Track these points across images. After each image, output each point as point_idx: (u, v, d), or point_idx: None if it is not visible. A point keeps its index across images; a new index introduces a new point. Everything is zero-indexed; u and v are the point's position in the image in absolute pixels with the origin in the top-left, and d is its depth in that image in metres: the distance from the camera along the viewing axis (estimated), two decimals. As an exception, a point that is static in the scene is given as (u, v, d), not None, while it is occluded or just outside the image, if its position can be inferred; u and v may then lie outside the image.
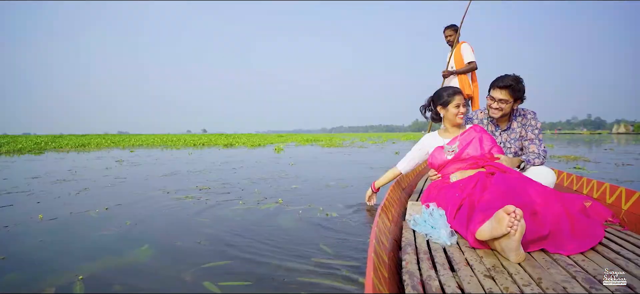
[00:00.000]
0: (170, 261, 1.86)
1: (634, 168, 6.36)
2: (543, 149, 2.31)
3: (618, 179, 4.80)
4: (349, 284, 1.53)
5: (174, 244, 2.14)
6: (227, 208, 3.08)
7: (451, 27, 4.33)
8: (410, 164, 2.51)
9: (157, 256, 1.94)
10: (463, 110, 2.24)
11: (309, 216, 2.78)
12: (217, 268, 1.74)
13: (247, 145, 16.79)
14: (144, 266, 1.80)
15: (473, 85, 4.22)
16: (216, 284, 1.54)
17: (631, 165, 6.91)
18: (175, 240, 2.22)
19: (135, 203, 3.33)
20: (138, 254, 1.96)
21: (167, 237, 2.29)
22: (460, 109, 2.23)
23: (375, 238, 1.33)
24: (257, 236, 2.26)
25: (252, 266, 1.76)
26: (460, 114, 2.24)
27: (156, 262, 1.85)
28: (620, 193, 2.05)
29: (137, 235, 2.32)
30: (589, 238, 1.46)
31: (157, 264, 1.82)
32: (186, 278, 1.62)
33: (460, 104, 2.22)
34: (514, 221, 1.26)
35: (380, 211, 1.75)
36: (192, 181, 4.76)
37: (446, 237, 1.53)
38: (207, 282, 1.57)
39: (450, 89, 2.30)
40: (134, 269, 1.76)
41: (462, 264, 1.32)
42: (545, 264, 1.30)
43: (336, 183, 4.45)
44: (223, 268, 1.74)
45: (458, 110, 2.23)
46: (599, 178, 5.02)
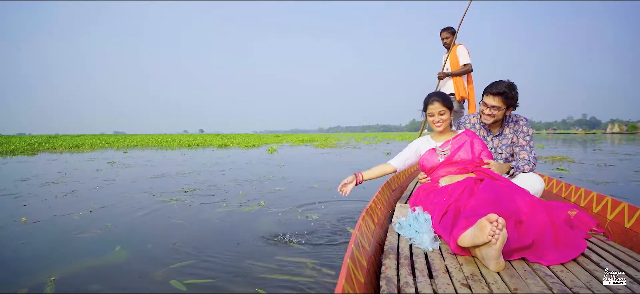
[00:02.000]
0: (142, 262, 1.96)
1: (616, 169, 6.49)
2: (533, 156, 2.30)
3: (595, 181, 4.93)
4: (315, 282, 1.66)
5: (149, 245, 2.24)
6: (208, 211, 3.17)
7: (448, 29, 4.34)
8: (405, 163, 2.42)
9: (131, 257, 2.03)
10: (439, 119, 2.20)
11: (287, 218, 2.87)
12: (185, 267, 1.85)
13: (242, 145, 16.85)
14: (116, 267, 1.90)
15: (468, 87, 4.23)
16: (182, 282, 1.65)
17: (614, 166, 7.05)
18: (151, 241, 2.32)
19: (119, 205, 3.41)
20: (112, 256, 2.05)
21: (144, 239, 2.38)
22: (435, 117, 2.19)
23: (354, 242, 1.32)
24: (231, 237, 2.36)
25: (220, 265, 1.87)
26: (437, 122, 2.20)
27: (128, 263, 1.95)
28: (606, 203, 2.04)
29: (115, 237, 2.41)
30: (570, 249, 1.47)
31: (129, 265, 1.91)
32: (155, 277, 1.72)
33: (435, 113, 2.18)
34: (495, 230, 1.25)
35: (364, 214, 1.73)
36: (180, 183, 4.84)
37: (428, 242, 1.53)
38: (174, 281, 1.68)
39: (430, 96, 2.27)
40: (106, 270, 1.86)
41: (441, 271, 1.32)
42: (524, 274, 1.30)
43: (321, 185, 4.55)
44: (191, 268, 1.84)
45: (432, 118, 2.22)
46: (578, 179, 5.16)
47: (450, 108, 2.16)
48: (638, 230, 1.68)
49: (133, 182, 5.00)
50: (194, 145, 17.18)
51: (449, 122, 2.20)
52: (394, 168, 2.40)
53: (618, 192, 4.01)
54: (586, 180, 4.98)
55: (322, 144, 17.92)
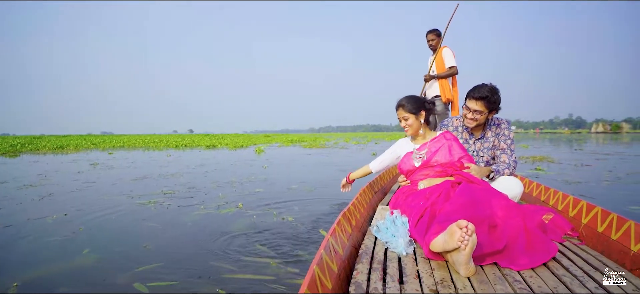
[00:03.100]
0: (108, 265, 1.96)
1: (592, 169, 6.65)
2: (514, 159, 2.32)
3: (568, 181, 5.04)
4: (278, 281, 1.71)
5: (119, 248, 2.23)
6: (185, 213, 3.16)
7: (433, 32, 4.35)
8: (381, 165, 2.44)
9: (97, 261, 2.03)
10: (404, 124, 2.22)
11: (262, 220, 2.89)
12: (152, 270, 1.86)
13: (230, 146, 16.80)
14: (81, 270, 1.89)
15: (453, 90, 4.27)
16: (146, 285, 1.67)
17: (590, 166, 7.22)
18: (121, 244, 2.32)
19: (95, 208, 3.38)
20: (79, 260, 2.04)
21: (115, 242, 2.37)
22: (402, 123, 2.23)
23: (325, 247, 1.30)
24: (202, 240, 2.37)
25: (187, 268, 1.90)
26: (404, 127, 2.24)
27: (94, 266, 1.95)
28: (581, 207, 2.06)
29: (85, 241, 2.39)
30: (541, 253, 1.48)
31: (95, 269, 1.91)
32: (119, 280, 1.73)
33: (401, 118, 2.22)
34: (464, 236, 1.27)
35: (341, 218, 1.71)
36: (160, 185, 4.82)
37: (403, 247, 1.53)
38: (137, 283, 1.69)
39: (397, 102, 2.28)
40: (71, 274, 1.85)
41: (412, 277, 1.32)
42: (493, 279, 1.31)
43: (301, 187, 4.58)
44: (158, 270, 1.86)
45: (401, 124, 2.24)
46: (553, 179, 5.29)
47: (415, 113, 2.15)
48: (609, 234, 1.70)
49: (113, 184, 4.97)
50: (181, 146, 17.06)
51: (418, 126, 2.19)
52: (370, 171, 2.46)
53: (588, 192, 4.13)
54: (561, 180, 5.11)
55: (310, 144, 17.97)
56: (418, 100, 2.20)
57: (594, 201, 1.96)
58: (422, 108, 2.18)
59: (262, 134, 54.32)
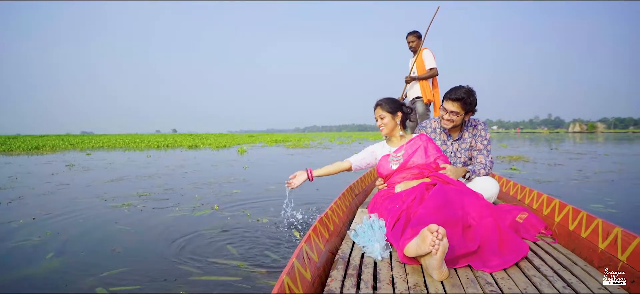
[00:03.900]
0: (72, 270, 1.90)
1: (563, 168, 6.86)
2: (490, 160, 2.35)
3: (539, 180, 5.18)
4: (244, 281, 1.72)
5: (86, 253, 2.17)
6: (159, 216, 3.11)
7: (413, 33, 4.38)
8: (360, 162, 2.41)
9: (61, 266, 1.97)
10: (380, 123, 2.23)
11: (236, 222, 2.86)
12: (117, 274, 1.82)
13: (213, 146, 16.62)
14: (43, 277, 1.84)
15: (434, 91, 4.30)
16: (107, 290, 1.63)
17: (562, 165, 7.46)
18: (89, 248, 2.25)
19: (66, 212, 3.29)
20: (41, 265, 1.98)
21: (83, 246, 2.30)
22: (378, 122, 2.24)
23: (297, 256, 1.28)
24: (174, 242, 2.32)
25: (153, 271, 1.87)
26: (379, 126, 2.25)
27: (57, 272, 1.89)
28: (554, 205, 2.10)
29: (51, 245, 2.32)
30: (512, 254, 1.49)
31: (57, 274, 1.86)
32: (82, 286, 1.68)
33: (377, 117, 2.23)
34: (436, 240, 1.27)
35: (317, 223, 1.68)
36: (137, 187, 4.74)
37: (379, 252, 1.52)
38: (100, 288, 1.65)
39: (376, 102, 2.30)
40: (32, 280, 1.79)
41: (385, 282, 1.32)
42: (466, 282, 1.31)
43: (279, 188, 4.57)
44: (123, 275, 1.81)
45: (377, 123, 2.25)
46: (526, 178, 5.45)
47: (392, 113, 2.17)
48: (580, 232, 1.73)
49: (88, 186, 4.85)
50: (163, 146, 16.80)
51: (393, 126, 2.20)
52: (350, 164, 2.38)
53: (557, 191, 4.28)
54: (532, 180, 5.25)
55: (294, 145, 17.94)
56: (396, 102, 2.22)
57: (563, 200, 1.99)
58: (399, 110, 2.20)
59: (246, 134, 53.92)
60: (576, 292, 1.24)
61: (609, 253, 1.49)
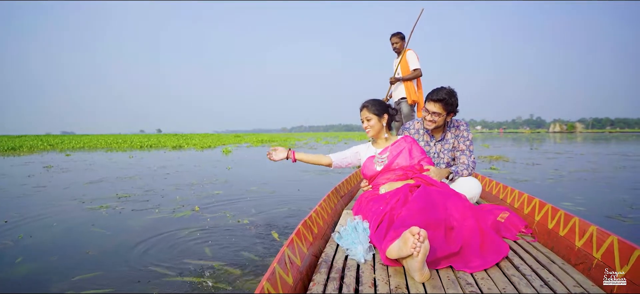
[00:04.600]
0: (42, 275, 1.86)
1: (540, 168, 7.04)
2: (472, 160, 2.37)
3: (517, 180, 5.31)
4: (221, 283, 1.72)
5: (59, 256, 2.13)
6: (137, 218, 3.04)
7: (397, 35, 4.42)
8: (342, 160, 2.38)
9: (30, 271, 1.92)
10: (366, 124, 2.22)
11: (216, 223, 2.83)
12: (89, 278, 1.78)
13: (198, 146, 16.45)
14: (10, 282, 1.79)
15: (418, 92, 4.35)
16: (77, 293, 1.63)
17: (540, 164, 7.67)
18: (62, 252, 2.20)
19: (41, 215, 3.20)
20: (9, 270, 1.93)
21: (55, 250, 2.25)
22: (364, 123, 2.23)
23: (278, 261, 1.26)
24: (150, 244, 2.29)
25: (127, 274, 1.84)
26: (365, 128, 2.24)
27: (26, 277, 1.85)
28: (534, 204, 2.12)
29: (22, 249, 2.26)
30: (493, 254, 1.51)
31: (26, 279, 1.81)
32: (51, 290, 1.64)
33: (363, 119, 2.23)
34: (417, 243, 1.27)
35: (301, 226, 1.66)
36: (116, 188, 4.65)
37: (362, 254, 1.52)
38: (70, 292, 1.62)
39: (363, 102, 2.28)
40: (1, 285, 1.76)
41: (367, 285, 1.33)
42: (447, 283, 1.33)
43: (261, 189, 4.54)
44: (96, 279, 1.78)
45: (363, 124, 2.25)
46: (504, 177, 5.60)
47: (378, 115, 2.17)
48: (558, 231, 1.75)
49: (65, 189, 4.73)
50: (146, 147, 16.52)
51: (379, 129, 2.20)
52: (331, 161, 2.38)
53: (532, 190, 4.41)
54: (511, 179, 5.39)
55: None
56: (382, 104, 2.22)
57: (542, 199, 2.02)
58: (385, 112, 2.20)
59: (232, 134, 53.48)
60: (553, 291, 1.26)
61: (585, 250, 1.51)
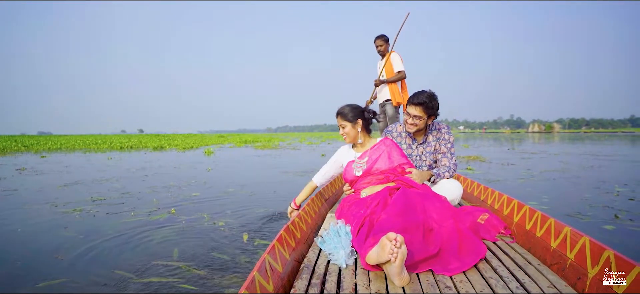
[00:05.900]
0: (4, 281, 1.83)
1: (515, 167, 7.23)
2: (453, 163, 2.41)
3: (490, 180, 5.44)
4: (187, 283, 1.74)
5: (24, 262, 2.08)
6: (112, 221, 2.97)
7: (381, 37, 4.45)
8: (325, 178, 2.39)
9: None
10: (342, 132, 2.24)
11: (190, 226, 2.79)
12: (55, 285, 1.75)
13: (180, 147, 16.24)
14: None
15: (403, 94, 4.39)
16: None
17: (514, 165, 7.89)
18: (29, 257, 2.15)
19: (10, 218, 3.08)
20: None
21: (22, 255, 2.19)
22: (340, 130, 2.24)
23: (258, 268, 1.25)
24: (122, 248, 2.27)
25: (93, 278, 1.82)
26: (343, 135, 2.24)
27: None
28: (513, 206, 2.14)
29: None
30: (471, 256, 1.52)
31: None
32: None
33: (339, 126, 2.24)
34: (394, 249, 1.28)
35: (283, 232, 1.64)
36: (91, 191, 4.55)
37: (343, 259, 1.52)
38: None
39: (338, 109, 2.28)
40: None
41: (348, 290, 1.33)
42: (426, 287, 1.34)
43: (239, 190, 4.49)
44: (61, 285, 1.75)
45: (339, 130, 2.25)
46: (478, 177, 5.76)
47: (352, 122, 2.17)
48: (535, 232, 1.77)
49: (38, 192, 4.60)
50: (127, 148, 16.20)
51: (355, 135, 2.21)
52: (315, 185, 2.39)
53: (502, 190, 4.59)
54: (484, 179, 5.56)
55: (263, 145, 17.83)
56: (357, 108, 2.21)
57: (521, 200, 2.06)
58: (359, 117, 2.19)
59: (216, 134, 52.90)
60: (528, 292, 1.27)
61: (559, 251, 1.53)
